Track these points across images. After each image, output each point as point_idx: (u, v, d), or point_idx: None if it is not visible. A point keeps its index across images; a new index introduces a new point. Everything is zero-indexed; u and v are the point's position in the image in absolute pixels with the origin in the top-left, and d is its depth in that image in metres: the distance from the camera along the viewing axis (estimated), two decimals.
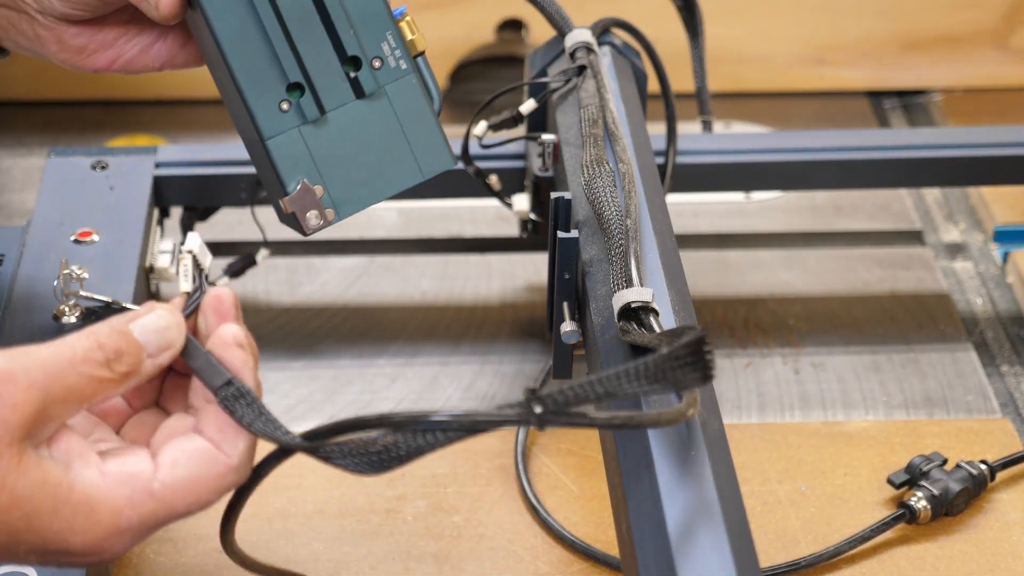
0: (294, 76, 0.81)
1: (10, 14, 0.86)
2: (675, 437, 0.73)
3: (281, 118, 0.81)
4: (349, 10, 0.81)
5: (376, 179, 0.83)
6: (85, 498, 0.65)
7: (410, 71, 0.83)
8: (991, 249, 1.20)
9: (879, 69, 1.40)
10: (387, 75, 0.82)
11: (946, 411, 1.04)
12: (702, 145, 1.09)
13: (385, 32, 0.82)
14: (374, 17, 0.82)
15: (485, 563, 0.91)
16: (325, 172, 0.82)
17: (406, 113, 0.83)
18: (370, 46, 0.82)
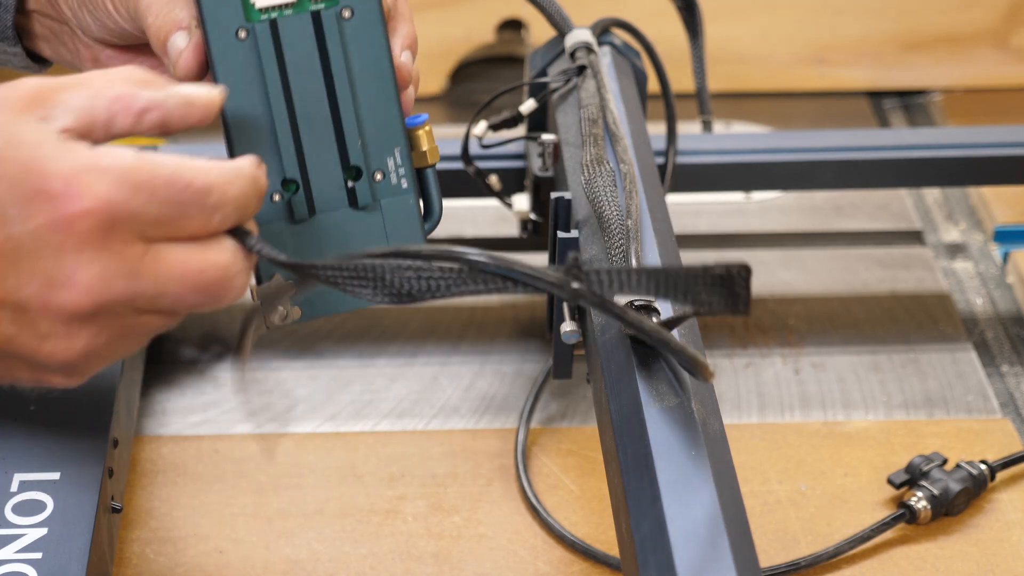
0: (292, 172, 0.78)
1: (54, 24, 0.86)
2: (675, 437, 0.73)
3: (269, 208, 0.78)
4: (363, 118, 0.78)
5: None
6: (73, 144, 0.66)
7: (410, 191, 0.80)
8: (991, 249, 1.20)
9: (879, 69, 1.40)
10: (385, 190, 0.79)
11: (946, 411, 1.04)
12: (702, 145, 1.09)
13: (394, 147, 0.79)
14: (386, 130, 0.79)
15: (485, 563, 0.91)
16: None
17: (395, 230, 0.80)
18: (375, 159, 0.79)
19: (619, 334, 0.80)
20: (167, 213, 0.67)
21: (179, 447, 0.99)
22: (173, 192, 0.67)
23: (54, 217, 0.65)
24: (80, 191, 0.65)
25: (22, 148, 0.66)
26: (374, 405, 1.04)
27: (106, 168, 0.66)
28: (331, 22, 0.76)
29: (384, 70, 0.78)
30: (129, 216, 0.66)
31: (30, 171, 0.66)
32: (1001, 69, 1.40)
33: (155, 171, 0.67)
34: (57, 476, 0.84)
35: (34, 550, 0.80)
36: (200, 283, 0.68)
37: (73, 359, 0.68)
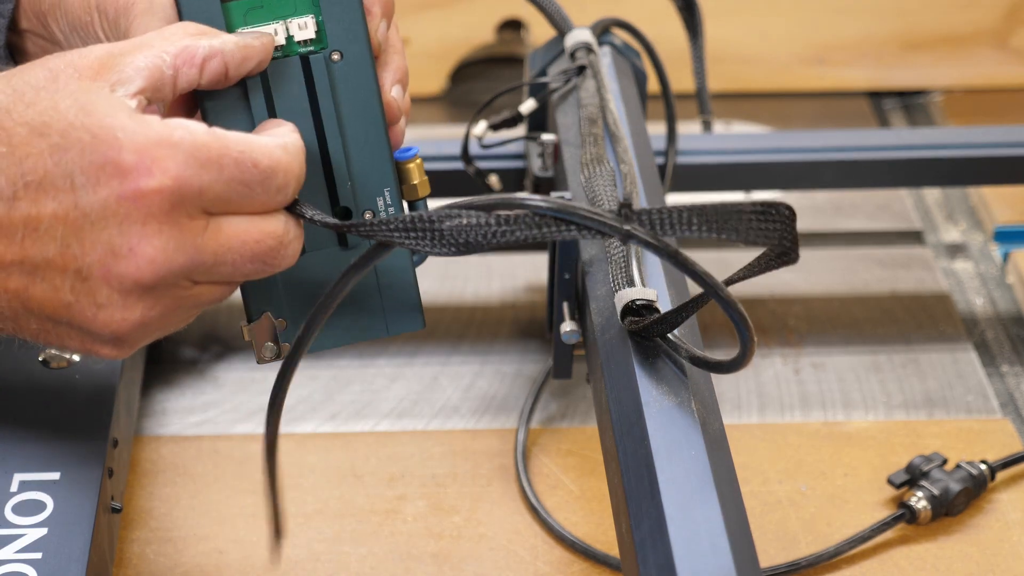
0: None
1: (46, 44, 0.86)
2: (675, 437, 0.73)
3: None
4: (352, 161, 0.78)
5: (340, 326, 0.80)
6: (146, 118, 0.68)
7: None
8: (991, 249, 1.20)
9: (879, 69, 1.40)
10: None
11: (946, 411, 1.04)
12: (702, 145, 1.09)
13: (383, 188, 0.79)
14: (376, 171, 0.78)
15: (485, 563, 0.91)
16: (291, 309, 0.79)
17: (387, 269, 0.80)
18: (365, 200, 0.78)
19: (619, 334, 0.80)
20: (234, 191, 0.69)
21: (179, 447, 0.99)
22: (241, 171, 0.69)
23: (124, 190, 0.67)
24: (151, 166, 0.67)
25: (94, 116, 0.67)
26: (374, 405, 1.04)
27: (178, 143, 0.67)
28: (320, 65, 0.76)
29: (374, 112, 0.78)
30: (197, 193, 0.68)
31: (102, 141, 0.67)
32: (1001, 69, 1.40)
33: (225, 149, 0.68)
34: (57, 476, 0.84)
35: (34, 550, 0.80)
36: (257, 252, 0.70)
37: (126, 330, 0.70)
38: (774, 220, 0.69)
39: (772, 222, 0.69)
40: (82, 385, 0.90)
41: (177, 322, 0.72)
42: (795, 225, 0.69)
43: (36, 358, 0.91)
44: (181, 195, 0.67)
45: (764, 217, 0.69)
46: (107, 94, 0.68)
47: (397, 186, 0.79)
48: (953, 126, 1.36)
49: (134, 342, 0.71)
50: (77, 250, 0.68)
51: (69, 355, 0.91)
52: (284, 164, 0.70)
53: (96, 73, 0.69)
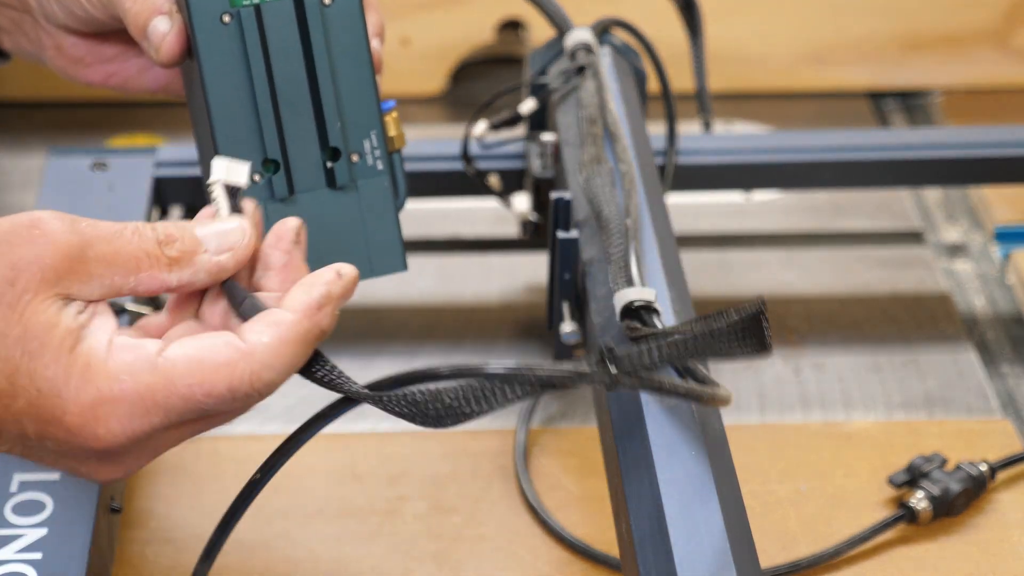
0: (273, 153, 0.80)
1: (15, 15, 0.86)
2: (675, 437, 0.73)
3: (251, 188, 0.80)
4: (342, 102, 0.81)
5: (331, 253, 0.83)
6: (87, 354, 0.65)
7: (385, 172, 0.82)
8: (991, 249, 1.20)
9: (879, 69, 1.40)
10: (362, 171, 0.82)
11: (946, 411, 1.03)
12: (702, 145, 1.09)
13: (370, 130, 0.82)
14: (363, 112, 0.81)
15: (485, 563, 0.91)
16: None
17: (371, 211, 0.83)
18: (353, 140, 0.81)
19: (619, 334, 0.80)
20: (191, 416, 0.67)
21: (179, 447, 0.98)
22: (192, 407, 0.66)
23: (73, 446, 0.66)
24: (96, 429, 0.65)
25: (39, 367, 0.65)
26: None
27: (119, 397, 0.65)
28: (313, 8, 0.79)
29: (362, 56, 0.80)
30: (150, 431, 0.66)
31: (46, 397, 0.65)
32: (1001, 69, 1.40)
33: (171, 387, 0.65)
34: (57, 476, 0.84)
35: (34, 550, 0.80)
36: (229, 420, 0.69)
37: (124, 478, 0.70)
38: (752, 332, 0.69)
39: (750, 335, 0.69)
40: None
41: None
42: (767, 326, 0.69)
43: None
44: (133, 440, 0.66)
45: (744, 333, 0.69)
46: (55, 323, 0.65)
47: (383, 129, 0.82)
48: (953, 126, 1.36)
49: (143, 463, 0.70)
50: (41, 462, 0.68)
51: None
52: (249, 378, 0.66)
53: (59, 277, 0.65)
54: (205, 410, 0.67)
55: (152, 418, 0.66)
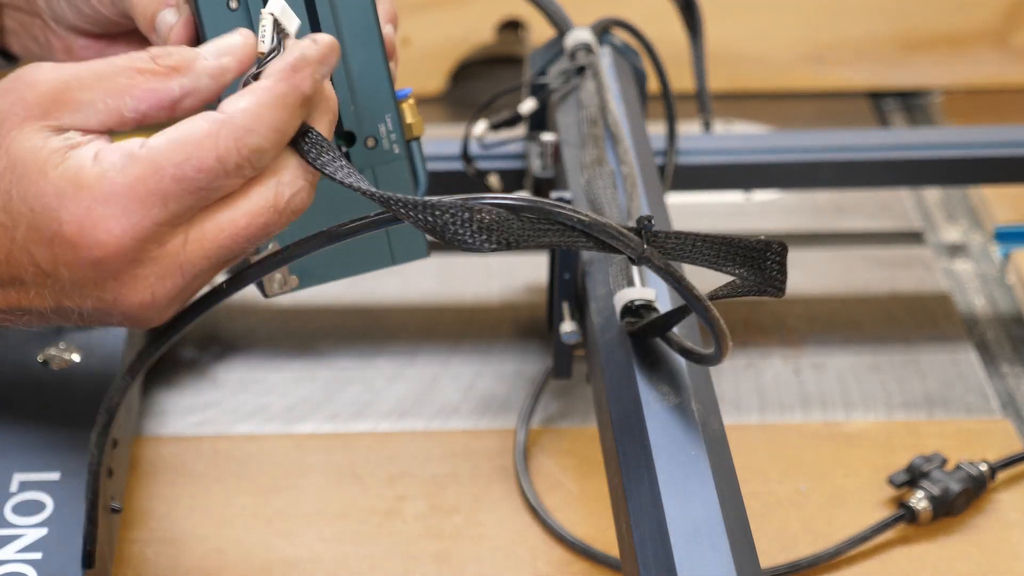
0: None
1: (24, 18, 0.85)
2: (675, 437, 0.73)
3: None
4: (355, 86, 0.79)
5: (347, 256, 0.81)
6: (75, 167, 0.64)
7: (402, 156, 0.81)
8: (991, 249, 1.20)
9: (879, 69, 1.40)
10: (378, 156, 0.80)
11: (946, 411, 1.04)
12: (702, 145, 1.09)
13: (385, 114, 0.80)
14: (377, 96, 0.79)
15: (485, 563, 0.91)
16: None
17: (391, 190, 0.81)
18: (367, 125, 0.80)
19: (619, 334, 0.80)
20: (192, 201, 0.65)
21: (179, 447, 0.99)
22: (187, 184, 0.65)
23: (80, 260, 0.65)
24: (95, 232, 0.65)
25: (29, 185, 0.65)
26: (374, 405, 1.04)
27: (110, 196, 0.64)
28: None
29: (373, 39, 0.79)
30: (152, 228, 0.65)
31: (41, 215, 0.65)
32: (1001, 69, 1.40)
33: (159, 175, 0.64)
34: (57, 476, 0.84)
35: (34, 550, 0.80)
36: (253, 233, 0.67)
37: (156, 318, 0.68)
38: (775, 259, 0.70)
39: (773, 262, 0.70)
40: (82, 385, 0.90)
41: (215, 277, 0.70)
42: (787, 265, 0.70)
43: (36, 358, 0.91)
44: (138, 240, 0.65)
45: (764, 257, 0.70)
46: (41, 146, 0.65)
47: (398, 113, 0.80)
48: (953, 126, 1.36)
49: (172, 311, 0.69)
50: (70, 303, 0.67)
51: (69, 355, 0.91)
52: (234, 144, 0.65)
53: (45, 111, 0.66)
54: (202, 189, 0.65)
55: (150, 209, 0.64)
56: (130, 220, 0.64)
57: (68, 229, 0.64)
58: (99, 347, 0.92)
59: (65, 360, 0.91)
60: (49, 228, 0.65)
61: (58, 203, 0.64)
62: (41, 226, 0.65)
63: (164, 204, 0.65)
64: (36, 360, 0.91)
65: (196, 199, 0.65)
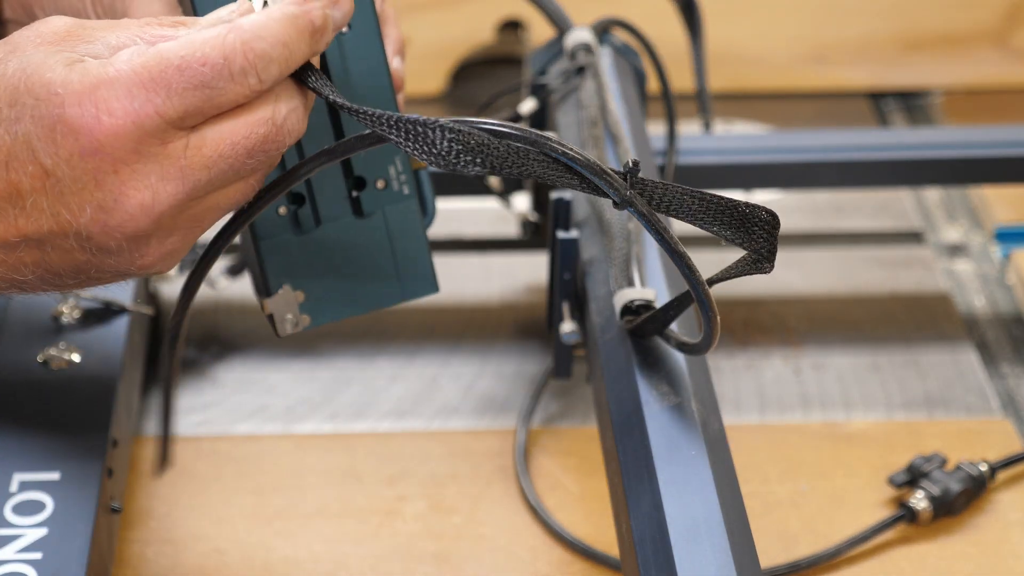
0: (297, 187, 0.79)
1: None
2: (675, 437, 0.73)
3: (277, 222, 0.79)
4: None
5: (357, 294, 0.82)
6: (84, 66, 0.65)
7: (412, 196, 0.81)
8: (991, 249, 1.20)
9: (879, 69, 1.40)
10: (388, 198, 0.80)
11: (946, 411, 1.04)
12: (702, 145, 1.09)
13: (394, 155, 0.80)
14: None
15: (485, 563, 0.91)
16: (309, 281, 0.81)
17: (400, 235, 0.81)
18: (377, 168, 0.80)
19: (619, 334, 0.80)
20: (195, 99, 0.66)
21: (179, 447, 0.99)
22: (191, 77, 0.65)
23: (82, 147, 0.65)
24: (97, 113, 0.65)
25: (33, 75, 0.65)
26: (374, 405, 1.04)
27: (115, 78, 0.65)
28: None
29: (382, 79, 0.78)
30: (155, 117, 0.65)
31: (44, 100, 0.65)
32: (1001, 69, 1.40)
33: (165, 63, 0.65)
34: (57, 476, 0.84)
35: (34, 550, 0.80)
36: (253, 146, 0.67)
37: (153, 263, 0.68)
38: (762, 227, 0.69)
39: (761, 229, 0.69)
40: (82, 385, 0.90)
41: (207, 228, 0.70)
42: (777, 235, 0.69)
43: (36, 358, 0.91)
44: (140, 128, 0.65)
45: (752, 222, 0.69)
46: (55, 55, 0.66)
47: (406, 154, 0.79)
48: (953, 126, 1.36)
49: (172, 262, 0.69)
50: (68, 215, 0.66)
51: (69, 355, 0.91)
52: (241, 47, 0.66)
53: (61, 39, 0.67)
54: (206, 86, 0.65)
55: (153, 96, 0.65)
56: (132, 103, 0.65)
57: (70, 112, 0.65)
58: (99, 347, 0.92)
59: (65, 360, 0.91)
60: (52, 114, 0.65)
61: (63, 90, 0.65)
62: (44, 114, 0.65)
63: (168, 94, 0.65)
64: (36, 360, 0.91)
65: (200, 98, 0.66)
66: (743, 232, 0.70)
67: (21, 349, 0.92)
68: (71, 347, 0.92)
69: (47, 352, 0.91)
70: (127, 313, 0.94)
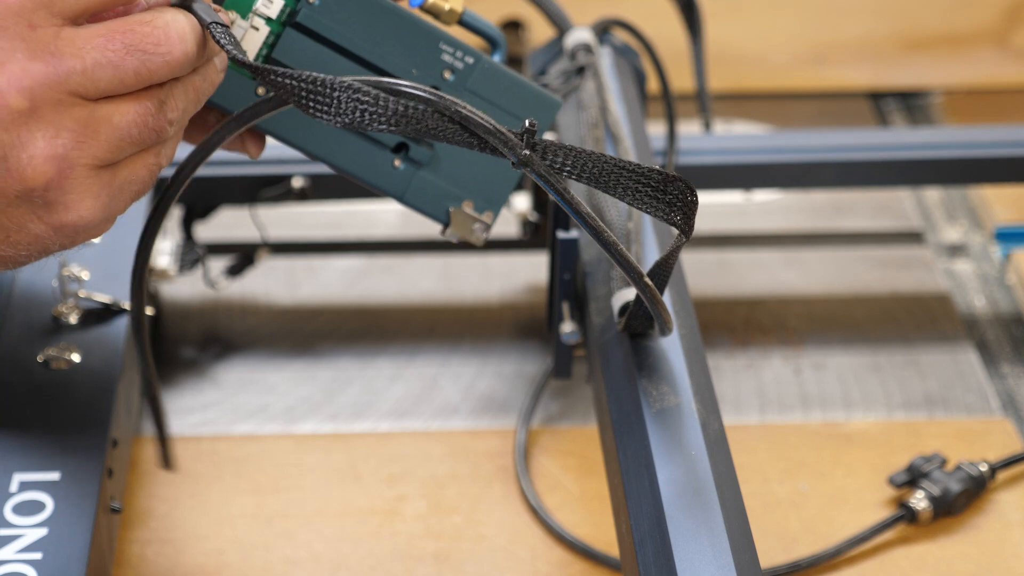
0: (391, 141, 0.82)
1: None
2: (675, 437, 0.73)
3: (402, 175, 0.82)
4: (399, 53, 0.80)
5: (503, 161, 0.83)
6: None
7: (479, 58, 0.81)
8: (991, 249, 1.20)
9: (879, 69, 1.40)
10: (463, 77, 0.81)
11: (946, 411, 1.04)
12: (702, 145, 1.09)
13: (438, 44, 0.80)
14: (421, 41, 0.80)
15: (485, 563, 0.91)
16: (462, 189, 0.83)
17: (495, 92, 0.82)
18: (434, 67, 0.80)
19: (619, 334, 0.80)
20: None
21: (179, 447, 0.99)
22: None
23: None
24: None
25: None
26: (374, 405, 1.04)
27: None
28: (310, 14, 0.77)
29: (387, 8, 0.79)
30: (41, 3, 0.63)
31: None
32: (1001, 69, 1.40)
33: None
34: (57, 476, 0.84)
35: (34, 550, 0.80)
36: (129, 41, 0.65)
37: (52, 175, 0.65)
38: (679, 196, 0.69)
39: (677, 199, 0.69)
40: (82, 385, 0.90)
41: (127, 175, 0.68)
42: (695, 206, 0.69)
43: (36, 358, 0.91)
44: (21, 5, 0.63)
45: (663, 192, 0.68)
46: None
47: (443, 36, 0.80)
48: (953, 126, 1.36)
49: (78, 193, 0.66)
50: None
51: (69, 355, 0.91)
52: None
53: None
54: None
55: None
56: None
57: None
58: (99, 347, 0.92)
59: (65, 360, 0.91)
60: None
61: None
62: None
63: None
64: (36, 360, 0.91)
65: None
66: (658, 201, 0.69)
67: (21, 349, 0.92)
68: (71, 347, 0.92)
69: (47, 352, 0.91)
70: (127, 313, 0.94)
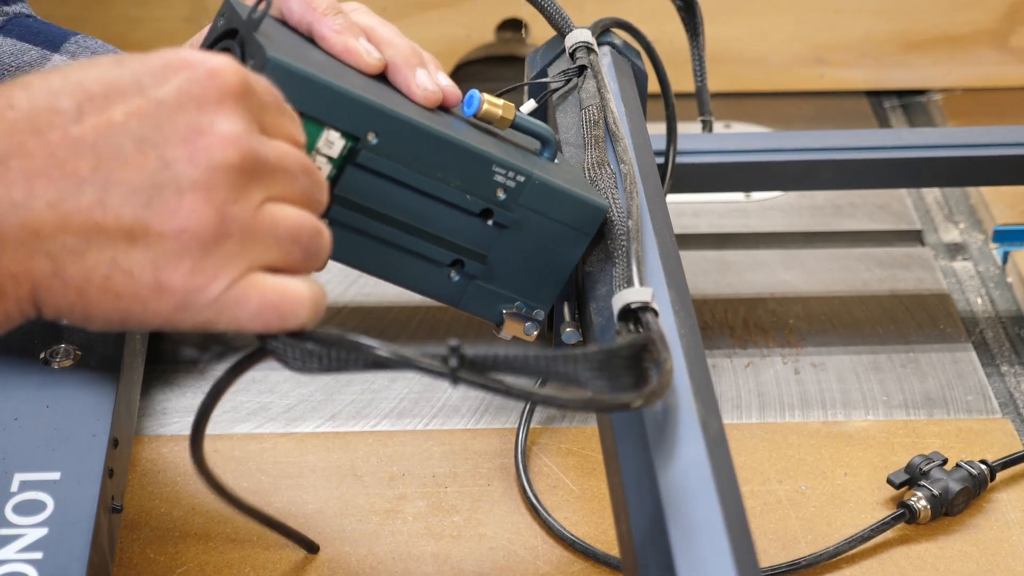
0: (447, 259, 0.84)
1: None
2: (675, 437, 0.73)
3: (457, 285, 0.85)
4: (454, 179, 0.81)
5: (553, 265, 0.86)
6: None
7: (530, 176, 0.83)
8: (991, 249, 1.20)
9: (879, 69, 1.40)
10: (515, 196, 0.83)
11: (946, 411, 1.04)
12: (702, 145, 1.09)
13: (490, 167, 0.82)
14: (473, 164, 0.82)
15: (485, 563, 0.91)
16: (513, 292, 0.86)
17: (546, 206, 0.84)
18: (487, 189, 0.82)
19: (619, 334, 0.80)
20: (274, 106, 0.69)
21: (179, 447, 0.99)
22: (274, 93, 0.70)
23: (195, 74, 0.67)
24: (214, 59, 0.67)
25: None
26: (374, 405, 1.04)
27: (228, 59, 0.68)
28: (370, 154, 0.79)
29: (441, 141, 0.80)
30: (254, 91, 0.68)
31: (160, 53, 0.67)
32: (1001, 69, 1.40)
33: None
34: (57, 476, 0.84)
35: (34, 550, 0.80)
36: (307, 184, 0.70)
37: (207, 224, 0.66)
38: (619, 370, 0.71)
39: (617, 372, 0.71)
40: (82, 385, 0.90)
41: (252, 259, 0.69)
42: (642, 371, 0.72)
43: (36, 358, 0.91)
44: (245, 85, 0.67)
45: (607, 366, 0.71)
46: None
47: (495, 160, 0.82)
48: (953, 126, 1.36)
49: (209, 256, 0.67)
50: (157, 137, 0.65)
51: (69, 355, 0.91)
52: None
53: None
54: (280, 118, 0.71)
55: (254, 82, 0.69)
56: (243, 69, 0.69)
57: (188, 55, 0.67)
58: (99, 347, 0.92)
59: (65, 360, 0.91)
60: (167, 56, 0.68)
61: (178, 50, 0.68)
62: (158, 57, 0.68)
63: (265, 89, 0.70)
64: (36, 360, 0.91)
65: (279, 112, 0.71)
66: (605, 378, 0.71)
67: (21, 349, 0.92)
68: (71, 347, 0.92)
69: (47, 352, 0.91)
70: None
